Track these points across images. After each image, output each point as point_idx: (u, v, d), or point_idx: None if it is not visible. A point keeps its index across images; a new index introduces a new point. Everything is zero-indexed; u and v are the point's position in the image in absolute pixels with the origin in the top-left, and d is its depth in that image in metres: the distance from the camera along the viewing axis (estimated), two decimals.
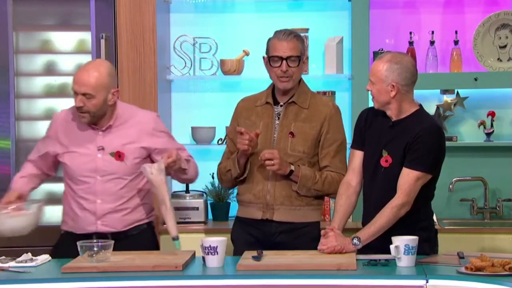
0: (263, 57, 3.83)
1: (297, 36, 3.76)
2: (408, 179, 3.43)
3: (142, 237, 3.72)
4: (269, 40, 3.79)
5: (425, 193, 3.51)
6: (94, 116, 3.60)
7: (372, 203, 3.52)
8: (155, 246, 3.83)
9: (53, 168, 3.81)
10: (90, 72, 3.54)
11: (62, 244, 3.69)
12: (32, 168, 3.78)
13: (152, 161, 3.69)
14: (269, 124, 3.76)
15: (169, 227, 3.50)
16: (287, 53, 3.70)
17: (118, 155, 3.61)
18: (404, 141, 3.48)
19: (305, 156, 3.73)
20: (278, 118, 3.77)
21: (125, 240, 3.60)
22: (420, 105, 3.60)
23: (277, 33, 3.78)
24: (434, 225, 3.64)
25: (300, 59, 3.74)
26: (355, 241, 3.38)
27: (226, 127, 3.98)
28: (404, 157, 3.48)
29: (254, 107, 3.82)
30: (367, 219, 3.51)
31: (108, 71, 3.60)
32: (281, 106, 3.78)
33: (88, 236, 3.59)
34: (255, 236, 3.73)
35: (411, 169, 3.44)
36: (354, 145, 3.68)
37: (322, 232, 3.48)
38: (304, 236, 3.72)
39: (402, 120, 3.53)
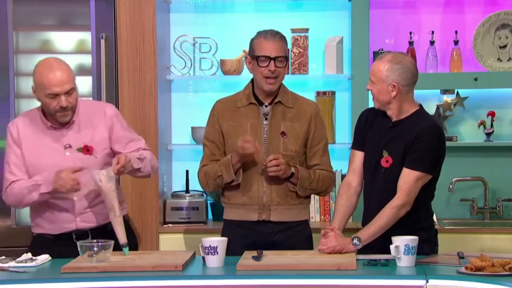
0: (246, 58, 3.83)
1: (282, 37, 3.75)
2: (408, 179, 3.43)
3: None
4: (254, 40, 3.77)
5: (425, 193, 3.51)
6: (73, 111, 3.58)
7: (373, 204, 3.52)
8: (133, 239, 3.79)
9: None
10: (58, 70, 3.50)
11: (37, 247, 3.57)
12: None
13: (112, 151, 3.67)
14: (257, 125, 3.74)
15: (118, 235, 3.47)
16: (275, 53, 3.69)
17: (87, 149, 3.57)
18: (404, 141, 3.48)
19: (296, 155, 3.74)
20: (266, 118, 3.76)
21: (104, 235, 3.56)
22: (420, 105, 3.60)
23: (262, 33, 3.76)
24: (434, 225, 3.64)
25: (287, 59, 3.75)
26: (355, 241, 3.38)
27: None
28: (405, 158, 3.48)
29: (235, 108, 3.79)
30: (367, 219, 3.51)
31: (66, 63, 3.61)
32: (266, 106, 3.77)
33: (67, 234, 3.58)
34: (250, 238, 3.71)
35: (411, 169, 3.44)
36: (355, 146, 3.68)
37: (322, 232, 3.48)
38: (299, 234, 3.72)
39: (402, 120, 3.53)
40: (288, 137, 3.73)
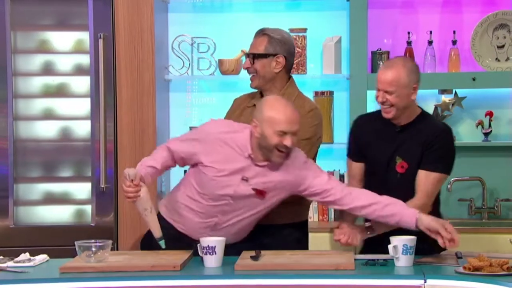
0: None
1: (265, 34, 3.69)
2: (427, 182, 3.43)
3: None
4: None
5: (437, 195, 3.53)
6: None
7: None
8: None
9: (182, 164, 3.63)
10: (289, 108, 3.39)
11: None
12: (165, 159, 3.51)
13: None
14: None
15: (151, 229, 3.41)
16: (251, 50, 3.70)
17: (260, 192, 3.47)
18: (418, 144, 3.46)
19: None
20: None
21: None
22: (421, 108, 3.61)
23: None
24: None
25: (256, 56, 3.66)
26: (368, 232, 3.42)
27: None
28: (421, 160, 3.46)
29: (246, 107, 3.80)
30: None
31: None
32: None
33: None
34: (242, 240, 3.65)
35: (431, 171, 3.43)
36: (352, 157, 3.63)
37: (336, 225, 3.50)
38: (289, 237, 3.66)
39: (410, 123, 3.51)
40: None
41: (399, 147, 3.50)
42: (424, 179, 3.43)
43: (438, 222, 3.26)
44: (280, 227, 3.65)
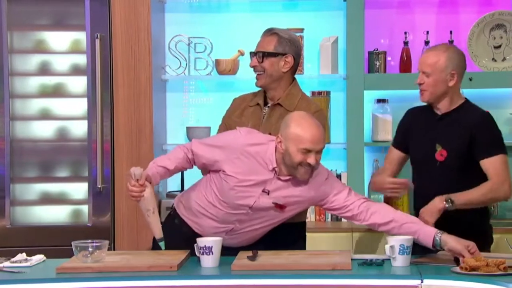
0: None
1: (275, 33, 3.69)
2: (495, 166, 3.47)
3: None
4: None
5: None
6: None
7: (430, 198, 3.50)
8: None
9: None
10: (317, 128, 3.38)
11: (171, 220, 3.56)
12: (181, 161, 3.48)
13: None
14: (256, 126, 3.70)
15: (152, 229, 3.39)
16: (257, 49, 3.70)
17: (280, 206, 3.45)
18: (458, 133, 3.51)
19: None
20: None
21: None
22: (466, 98, 3.65)
23: None
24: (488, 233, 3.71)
25: (265, 54, 3.66)
26: (448, 204, 3.42)
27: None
28: (460, 150, 3.49)
29: (247, 106, 3.79)
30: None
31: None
32: (268, 107, 3.73)
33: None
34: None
35: (491, 156, 3.47)
36: (395, 144, 3.74)
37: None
38: (285, 238, 3.64)
39: (451, 112, 3.56)
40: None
41: (439, 135, 3.55)
42: (489, 165, 3.47)
43: (461, 243, 3.23)
44: (278, 228, 3.65)
